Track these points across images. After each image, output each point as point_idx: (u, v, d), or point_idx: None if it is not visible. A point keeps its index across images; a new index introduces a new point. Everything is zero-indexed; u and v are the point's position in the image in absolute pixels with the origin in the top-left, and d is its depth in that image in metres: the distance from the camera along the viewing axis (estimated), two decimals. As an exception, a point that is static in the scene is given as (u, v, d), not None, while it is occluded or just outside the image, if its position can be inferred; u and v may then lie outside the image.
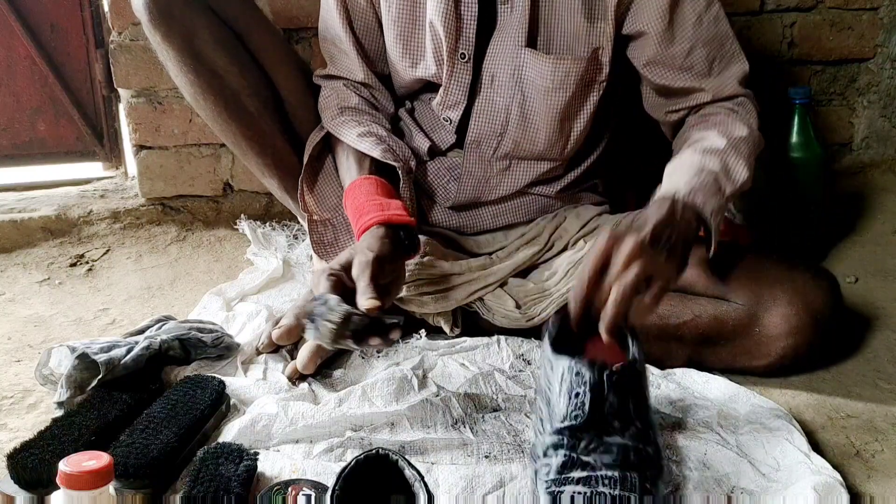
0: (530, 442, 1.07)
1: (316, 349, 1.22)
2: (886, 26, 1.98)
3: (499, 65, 1.30)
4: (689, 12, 1.27)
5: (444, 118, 1.37)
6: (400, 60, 1.35)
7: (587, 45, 1.28)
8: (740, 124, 1.26)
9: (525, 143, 1.35)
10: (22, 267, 1.68)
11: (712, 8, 1.29)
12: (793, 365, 1.25)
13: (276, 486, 0.94)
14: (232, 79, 1.34)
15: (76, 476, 0.79)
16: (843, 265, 1.68)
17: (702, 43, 1.29)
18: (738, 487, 0.99)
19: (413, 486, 0.85)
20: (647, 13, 1.26)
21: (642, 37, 1.29)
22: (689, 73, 1.30)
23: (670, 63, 1.30)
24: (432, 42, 1.30)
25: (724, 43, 1.31)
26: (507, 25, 1.27)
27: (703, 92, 1.31)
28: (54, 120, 1.92)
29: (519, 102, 1.31)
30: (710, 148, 1.22)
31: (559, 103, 1.30)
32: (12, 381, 1.25)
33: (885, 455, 1.09)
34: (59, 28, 1.86)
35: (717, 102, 1.32)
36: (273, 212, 1.88)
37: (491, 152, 1.36)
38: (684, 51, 1.29)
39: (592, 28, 1.27)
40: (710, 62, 1.30)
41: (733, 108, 1.30)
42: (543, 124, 1.32)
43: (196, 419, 1.05)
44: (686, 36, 1.28)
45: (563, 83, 1.28)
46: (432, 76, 1.34)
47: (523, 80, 1.30)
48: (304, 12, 1.78)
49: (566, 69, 1.27)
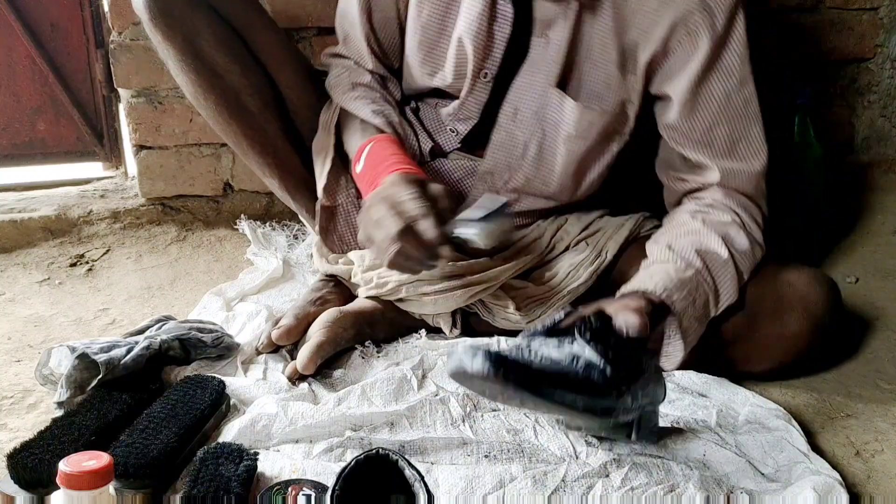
0: (529, 441, 1.07)
1: (316, 349, 1.22)
2: (886, 26, 1.98)
3: (524, 99, 1.28)
4: (717, 87, 1.22)
5: (452, 129, 1.36)
6: (419, 66, 1.33)
7: (616, 96, 1.25)
8: (741, 235, 1.22)
9: (537, 183, 1.33)
10: (22, 267, 1.68)
11: (744, 89, 1.23)
12: (793, 369, 1.25)
13: (276, 486, 0.94)
14: (233, 78, 1.33)
15: (76, 476, 0.79)
16: (843, 265, 1.68)
17: (726, 121, 1.24)
18: (737, 487, 0.99)
19: (413, 486, 0.85)
20: (675, 77, 1.22)
21: (667, 100, 1.26)
22: (707, 149, 1.26)
23: (688, 133, 1.26)
24: (456, 56, 1.28)
25: (750, 126, 1.25)
26: (540, 60, 1.25)
27: (713, 172, 1.26)
28: (54, 120, 1.92)
29: (538, 140, 1.29)
30: (711, 257, 1.18)
31: (578, 150, 1.28)
32: (12, 381, 1.25)
33: (885, 455, 1.09)
34: (59, 28, 1.86)
35: (725, 192, 1.26)
36: (273, 212, 1.88)
37: (501, 184, 1.35)
38: (706, 125, 1.24)
39: (624, 80, 1.25)
40: (732, 143, 1.25)
41: (737, 212, 1.25)
42: (558, 167, 1.31)
43: (196, 419, 1.05)
44: (710, 110, 1.23)
45: (586, 132, 1.26)
46: (447, 87, 1.32)
47: (546, 120, 1.28)
48: (305, 11, 1.78)
49: (591, 119, 1.25)
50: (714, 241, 1.20)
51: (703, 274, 1.17)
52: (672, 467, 1.01)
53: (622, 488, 0.98)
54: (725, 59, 1.21)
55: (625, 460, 1.02)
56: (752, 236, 1.24)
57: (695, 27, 1.19)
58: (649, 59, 1.22)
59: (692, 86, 1.22)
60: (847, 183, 2.01)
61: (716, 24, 1.19)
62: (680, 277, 1.13)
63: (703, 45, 1.19)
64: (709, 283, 1.17)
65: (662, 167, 1.35)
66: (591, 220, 1.41)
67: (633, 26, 1.21)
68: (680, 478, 0.99)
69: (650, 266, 1.19)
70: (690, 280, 1.14)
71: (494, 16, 1.24)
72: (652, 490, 0.97)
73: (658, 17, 1.19)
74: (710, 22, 1.19)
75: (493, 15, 1.24)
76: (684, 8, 1.18)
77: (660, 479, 0.99)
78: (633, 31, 1.22)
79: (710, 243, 1.20)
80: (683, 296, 1.11)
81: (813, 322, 1.20)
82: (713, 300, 1.18)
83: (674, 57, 1.22)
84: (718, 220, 1.23)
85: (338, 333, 1.27)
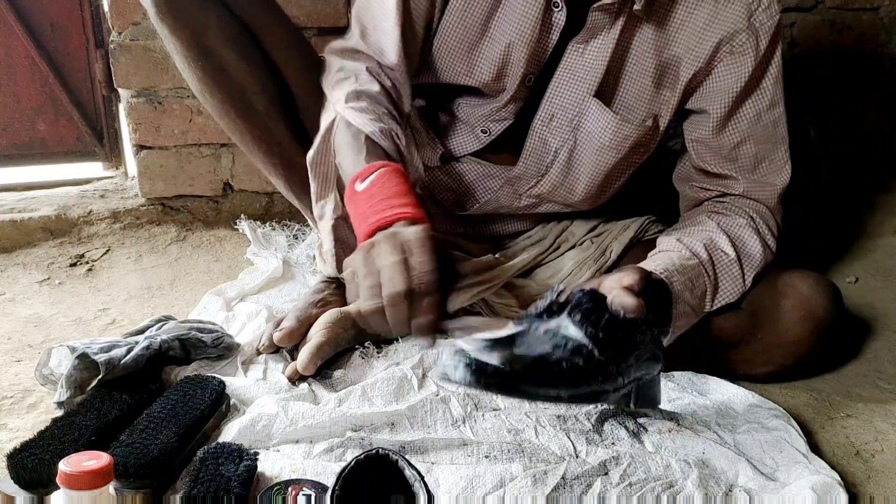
0: (529, 441, 1.07)
1: (316, 350, 1.22)
2: (886, 26, 1.98)
3: (560, 105, 1.27)
4: (750, 107, 1.25)
5: (483, 129, 1.34)
6: (453, 63, 1.29)
7: (646, 110, 1.26)
8: (754, 238, 1.24)
9: (562, 191, 1.33)
10: (22, 267, 1.68)
11: (775, 109, 1.26)
12: (794, 372, 1.25)
13: (276, 486, 0.94)
14: (240, 76, 1.30)
15: (76, 476, 0.79)
16: (843, 265, 1.68)
17: (754, 140, 1.26)
18: (736, 486, 0.99)
19: (413, 486, 0.85)
20: (714, 95, 1.24)
21: (701, 114, 1.27)
22: (732, 164, 1.28)
23: (716, 149, 1.28)
24: (501, 60, 1.25)
25: (777, 147, 1.28)
26: (576, 67, 1.24)
27: (738, 183, 1.29)
28: (54, 120, 1.92)
29: (569, 148, 1.29)
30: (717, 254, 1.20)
31: (608, 161, 1.28)
32: (12, 381, 1.25)
33: (885, 455, 1.09)
34: (59, 28, 1.86)
35: (745, 200, 1.29)
36: (273, 212, 1.88)
37: (526, 188, 1.34)
38: (734, 142, 1.26)
39: (657, 95, 1.25)
40: (758, 161, 1.28)
41: (753, 217, 1.27)
42: (586, 177, 1.30)
43: (196, 419, 1.05)
44: (740, 128, 1.26)
45: (620, 144, 1.26)
46: (482, 86, 1.30)
47: (580, 129, 1.27)
48: (305, 12, 1.78)
49: (627, 132, 1.25)
50: (724, 240, 1.21)
51: (707, 267, 1.18)
52: (671, 465, 1.01)
53: (620, 485, 0.98)
54: (763, 80, 1.24)
55: (624, 458, 1.02)
56: (765, 242, 1.25)
57: (740, 47, 1.20)
58: (691, 76, 1.23)
59: (730, 105, 1.24)
60: (847, 183, 2.01)
61: (759, 46, 1.21)
62: (682, 263, 1.14)
63: (747, 66, 1.21)
64: (710, 278, 1.18)
65: (683, 178, 1.36)
66: (597, 223, 1.41)
67: (676, 42, 1.22)
68: (678, 475, 1.00)
69: (656, 254, 1.20)
70: (693, 268, 1.15)
71: (548, 24, 1.22)
72: (650, 486, 0.97)
73: (705, 35, 1.20)
74: (755, 43, 1.20)
75: (547, 23, 1.22)
76: (732, 27, 1.19)
77: (658, 477, 0.99)
78: (676, 47, 1.22)
79: (720, 242, 1.21)
80: (683, 280, 1.12)
81: (815, 326, 1.19)
82: (710, 294, 1.18)
83: (715, 74, 1.23)
84: (734, 223, 1.25)
85: (338, 334, 1.27)
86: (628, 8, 1.18)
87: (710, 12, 1.19)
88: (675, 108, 1.27)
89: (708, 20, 1.20)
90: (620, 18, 1.19)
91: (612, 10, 1.18)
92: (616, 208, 1.45)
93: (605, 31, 1.20)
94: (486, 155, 1.36)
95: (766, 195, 1.29)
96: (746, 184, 1.29)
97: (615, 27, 1.20)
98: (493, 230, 1.41)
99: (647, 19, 1.20)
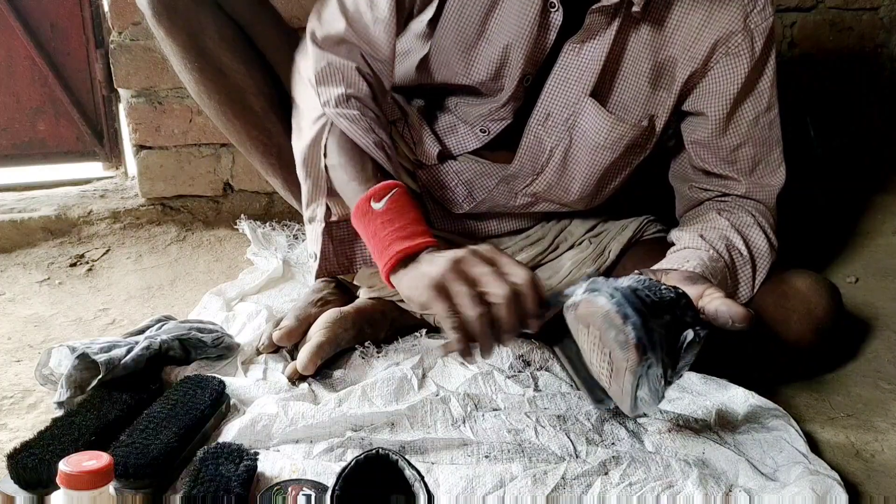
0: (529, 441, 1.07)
1: (316, 350, 1.22)
2: (886, 26, 1.98)
3: (556, 104, 1.27)
4: (749, 109, 1.26)
5: (483, 128, 1.33)
6: (448, 63, 1.28)
7: (644, 111, 1.26)
8: (762, 237, 1.26)
9: (557, 190, 1.33)
10: (22, 267, 1.68)
11: (771, 112, 1.28)
12: (794, 372, 1.25)
13: (276, 486, 0.94)
14: (237, 77, 1.31)
15: (76, 476, 0.79)
16: (843, 265, 1.68)
17: (752, 143, 1.28)
18: (736, 486, 0.99)
19: (413, 486, 0.85)
20: (711, 97, 1.25)
21: (699, 116, 1.28)
22: (731, 167, 1.30)
23: (716, 151, 1.29)
24: (499, 60, 1.25)
25: (773, 149, 1.30)
26: (572, 66, 1.23)
27: (739, 184, 1.31)
28: (54, 120, 1.92)
29: (565, 147, 1.29)
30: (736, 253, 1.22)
31: (604, 161, 1.28)
32: (12, 381, 1.25)
33: (885, 455, 1.09)
34: (59, 28, 1.86)
35: (745, 199, 1.31)
36: (273, 212, 1.89)
37: (521, 187, 1.34)
38: (733, 145, 1.28)
39: (653, 95, 1.25)
40: (755, 163, 1.30)
41: (755, 215, 1.28)
42: (581, 176, 1.30)
43: (196, 419, 1.05)
44: (739, 132, 1.27)
45: (614, 144, 1.26)
46: (478, 85, 1.29)
47: (575, 128, 1.27)
48: (304, 12, 1.78)
49: (622, 132, 1.25)
50: (739, 240, 1.24)
51: (729, 268, 1.20)
52: (671, 465, 1.01)
53: (620, 484, 0.98)
54: (759, 82, 1.25)
55: (624, 458, 1.02)
56: (770, 242, 1.27)
57: (736, 48, 1.21)
58: (687, 77, 1.24)
59: (727, 107, 1.25)
60: (847, 183, 2.01)
61: (755, 48, 1.21)
62: (713, 266, 1.16)
63: (743, 68, 1.22)
64: (731, 281, 1.20)
65: (681, 178, 1.37)
66: (595, 223, 1.41)
67: (672, 43, 1.22)
68: (678, 475, 1.00)
69: (681, 250, 1.21)
70: (720, 271, 1.17)
71: (546, 24, 1.22)
72: (650, 486, 0.97)
73: (700, 36, 1.21)
74: (751, 45, 1.21)
75: (544, 24, 1.22)
76: (727, 28, 1.20)
77: (658, 477, 0.99)
78: (672, 48, 1.22)
79: (737, 242, 1.23)
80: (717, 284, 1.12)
81: (815, 326, 1.20)
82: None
83: (712, 76, 1.24)
84: (742, 222, 1.27)
85: (338, 334, 1.27)
86: (626, 9, 1.18)
87: (705, 14, 1.20)
88: (671, 109, 1.27)
89: (703, 21, 1.20)
90: (617, 19, 1.20)
91: (611, 11, 1.18)
92: (614, 208, 1.45)
93: (601, 31, 1.20)
94: (483, 152, 1.36)
95: (765, 196, 1.31)
96: (748, 187, 1.30)
97: (612, 27, 1.20)
98: (490, 229, 1.41)
99: (643, 20, 1.21)
